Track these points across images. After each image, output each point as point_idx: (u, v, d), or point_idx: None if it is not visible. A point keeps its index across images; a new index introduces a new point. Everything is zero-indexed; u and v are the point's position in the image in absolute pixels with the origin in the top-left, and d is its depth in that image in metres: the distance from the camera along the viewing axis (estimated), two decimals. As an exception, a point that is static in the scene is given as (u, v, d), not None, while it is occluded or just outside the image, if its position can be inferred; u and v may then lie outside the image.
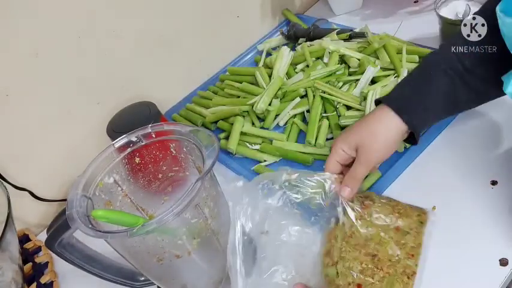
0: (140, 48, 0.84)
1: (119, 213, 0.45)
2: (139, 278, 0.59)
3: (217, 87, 0.93)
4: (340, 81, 0.79)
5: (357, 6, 1.04)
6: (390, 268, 0.49)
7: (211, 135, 0.49)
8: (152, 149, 0.54)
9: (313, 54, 0.86)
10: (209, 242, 0.51)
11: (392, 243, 0.51)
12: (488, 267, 0.51)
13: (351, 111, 0.74)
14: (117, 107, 0.75)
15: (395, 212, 0.55)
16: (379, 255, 0.51)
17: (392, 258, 0.50)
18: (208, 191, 0.48)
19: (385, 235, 0.52)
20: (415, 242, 0.51)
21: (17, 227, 0.75)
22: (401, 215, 0.54)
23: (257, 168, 0.73)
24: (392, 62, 0.78)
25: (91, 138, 0.81)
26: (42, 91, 0.73)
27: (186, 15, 0.89)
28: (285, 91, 0.81)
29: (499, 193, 0.58)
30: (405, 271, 0.49)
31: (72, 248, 0.52)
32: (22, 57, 0.70)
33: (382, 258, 0.50)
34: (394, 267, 0.50)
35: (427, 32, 0.85)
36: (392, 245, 0.51)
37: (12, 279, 0.62)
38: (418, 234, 0.52)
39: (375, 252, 0.51)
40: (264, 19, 1.05)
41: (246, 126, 0.79)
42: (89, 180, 0.49)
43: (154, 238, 0.45)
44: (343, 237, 0.53)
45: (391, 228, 0.53)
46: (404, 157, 0.66)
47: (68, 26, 0.73)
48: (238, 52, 1.01)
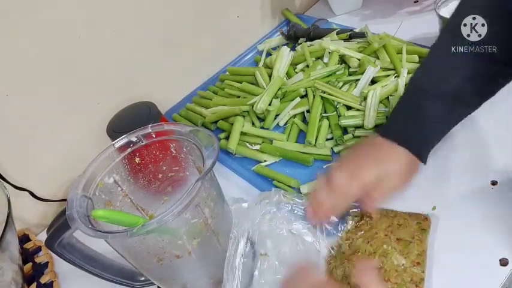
0: (140, 48, 0.84)
1: (119, 213, 0.45)
2: (139, 278, 0.59)
3: (217, 87, 0.93)
4: (340, 81, 0.79)
5: (357, 6, 1.04)
6: (398, 278, 0.50)
7: (211, 135, 0.49)
8: (152, 149, 0.54)
9: (313, 54, 0.86)
10: (209, 242, 0.51)
11: (396, 253, 0.52)
12: (488, 267, 0.51)
13: (351, 111, 0.74)
14: (117, 107, 0.75)
15: (394, 223, 0.55)
16: (384, 266, 0.51)
17: (398, 268, 0.51)
18: (208, 191, 0.48)
19: (387, 247, 0.53)
20: (419, 249, 0.52)
21: (17, 227, 0.75)
22: (400, 226, 0.55)
23: (257, 169, 0.73)
24: (392, 62, 0.78)
25: (91, 138, 0.81)
26: (42, 91, 0.73)
27: (186, 15, 0.89)
28: (285, 91, 0.81)
29: (499, 193, 0.58)
30: (413, 279, 0.49)
31: (72, 248, 0.52)
32: (22, 57, 0.70)
33: (388, 270, 0.51)
34: (401, 276, 0.50)
35: (427, 32, 0.85)
36: (396, 255, 0.52)
37: (12, 279, 0.62)
38: (421, 241, 0.53)
39: (380, 264, 0.51)
40: (264, 19, 1.05)
41: (246, 126, 0.79)
42: (89, 180, 0.49)
43: (154, 238, 0.45)
44: (341, 258, 0.54)
45: (393, 240, 0.53)
46: (405, 157, 0.66)
47: (68, 26, 0.73)
48: (238, 52, 1.01)
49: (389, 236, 0.54)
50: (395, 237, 0.53)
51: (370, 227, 0.56)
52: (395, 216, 0.56)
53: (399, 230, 0.54)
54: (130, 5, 0.79)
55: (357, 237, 0.56)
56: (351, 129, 0.72)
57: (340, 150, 0.71)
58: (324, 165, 0.70)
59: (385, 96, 0.73)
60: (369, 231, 0.55)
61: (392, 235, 0.54)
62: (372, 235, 0.55)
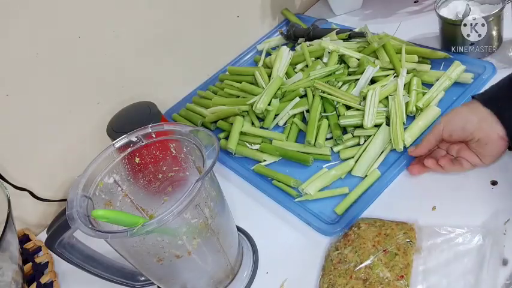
0: (140, 48, 0.84)
1: (119, 213, 0.45)
2: (139, 278, 0.59)
3: (217, 87, 0.93)
4: (340, 81, 0.79)
5: (356, 6, 1.04)
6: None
7: (211, 135, 0.49)
8: (152, 149, 0.54)
9: (312, 54, 0.86)
10: (209, 242, 0.51)
11: (382, 265, 0.52)
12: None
13: (351, 111, 0.74)
14: (117, 107, 0.75)
15: (381, 233, 0.55)
16: (369, 279, 0.52)
17: (382, 281, 0.51)
18: (208, 191, 0.48)
19: (374, 258, 0.53)
20: (404, 262, 0.52)
21: (17, 227, 0.75)
22: (387, 236, 0.55)
23: (257, 168, 0.73)
24: (391, 62, 0.78)
25: (91, 138, 0.81)
26: (42, 91, 0.73)
27: (186, 15, 0.89)
28: (285, 91, 0.81)
29: (499, 193, 0.58)
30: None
31: (72, 248, 0.52)
32: (22, 57, 0.70)
33: (373, 282, 0.51)
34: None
35: (427, 32, 0.85)
36: (382, 267, 0.52)
37: (12, 279, 0.62)
38: (406, 254, 0.53)
39: (365, 276, 0.52)
40: (264, 19, 1.05)
41: (245, 126, 0.79)
42: (89, 180, 0.49)
43: (154, 238, 0.45)
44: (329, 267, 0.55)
45: (380, 251, 0.54)
46: (404, 156, 0.66)
47: (68, 26, 0.73)
48: (238, 52, 1.01)
49: (377, 246, 0.54)
50: (382, 249, 0.54)
51: (358, 236, 0.56)
52: (382, 226, 0.57)
53: (386, 241, 0.55)
54: (130, 5, 0.79)
55: (345, 246, 0.56)
56: (350, 128, 0.72)
57: (339, 150, 0.71)
58: (324, 165, 0.70)
59: (385, 96, 0.73)
60: (356, 240, 0.56)
61: (380, 246, 0.54)
62: (360, 245, 0.55)
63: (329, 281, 0.53)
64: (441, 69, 0.76)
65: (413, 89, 0.73)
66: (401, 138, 0.66)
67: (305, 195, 0.66)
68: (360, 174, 0.67)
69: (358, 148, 0.70)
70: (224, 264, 0.55)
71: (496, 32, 0.74)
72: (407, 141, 0.67)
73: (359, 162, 0.67)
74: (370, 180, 0.65)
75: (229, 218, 0.56)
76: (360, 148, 0.69)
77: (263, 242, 0.64)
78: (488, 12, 0.71)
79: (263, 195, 0.70)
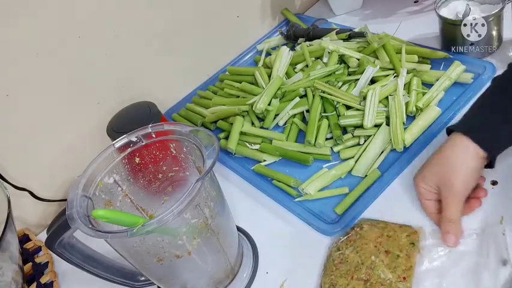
0: (140, 48, 0.84)
1: (119, 213, 0.45)
2: (139, 278, 0.59)
3: (217, 87, 0.93)
4: (340, 81, 0.79)
5: (356, 6, 1.04)
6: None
7: (211, 135, 0.49)
8: (152, 149, 0.54)
9: (312, 54, 0.86)
10: (209, 242, 0.51)
11: (384, 266, 0.52)
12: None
13: (351, 111, 0.74)
14: (117, 107, 0.75)
15: (384, 234, 0.55)
16: (371, 279, 0.51)
17: (384, 282, 0.51)
18: (208, 191, 0.48)
19: (375, 259, 0.53)
20: (407, 264, 0.52)
21: (17, 227, 0.75)
22: (390, 238, 0.55)
23: (257, 168, 0.73)
24: (391, 62, 0.78)
25: (91, 138, 0.81)
26: (42, 91, 0.73)
27: (186, 15, 0.89)
28: (285, 91, 0.81)
29: (499, 193, 0.58)
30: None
31: (72, 248, 0.52)
32: (22, 57, 0.70)
33: (374, 283, 0.51)
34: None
35: (427, 32, 0.85)
36: (383, 268, 0.52)
37: (12, 279, 0.62)
38: (409, 256, 0.53)
39: (367, 277, 0.52)
40: (264, 19, 1.05)
41: (245, 126, 0.79)
42: (89, 180, 0.49)
43: (154, 238, 0.45)
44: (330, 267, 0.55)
45: (382, 252, 0.53)
46: (404, 157, 0.66)
47: (68, 26, 0.73)
48: (238, 52, 1.01)
49: (379, 247, 0.54)
50: (384, 249, 0.54)
51: (360, 236, 0.56)
52: (385, 227, 0.57)
53: (388, 242, 0.54)
54: (130, 5, 0.79)
55: (347, 247, 0.56)
56: (350, 128, 0.72)
57: (339, 150, 0.71)
58: (324, 165, 0.70)
59: (385, 96, 0.73)
60: (358, 240, 0.56)
61: (382, 247, 0.54)
62: (362, 245, 0.55)
63: (330, 281, 0.53)
64: (441, 69, 0.76)
65: (413, 89, 0.73)
66: (402, 138, 0.66)
67: (305, 195, 0.66)
68: (360, 174, 0.67)
69: (358, 148, 0.70)
70: (224, 264, 0.55)
71: (496, 32, 0.74)
72: (407, 141, 0.67)
73: (359, 162, 0.67)
74: (370, 180, 0.65)
75: (229, 218, 0.56)
76: (360, 148, 0.69)
77: (263, 242, 0.64)
78: (488, 12, 0.71)
79: (263, 195, 0.70)
